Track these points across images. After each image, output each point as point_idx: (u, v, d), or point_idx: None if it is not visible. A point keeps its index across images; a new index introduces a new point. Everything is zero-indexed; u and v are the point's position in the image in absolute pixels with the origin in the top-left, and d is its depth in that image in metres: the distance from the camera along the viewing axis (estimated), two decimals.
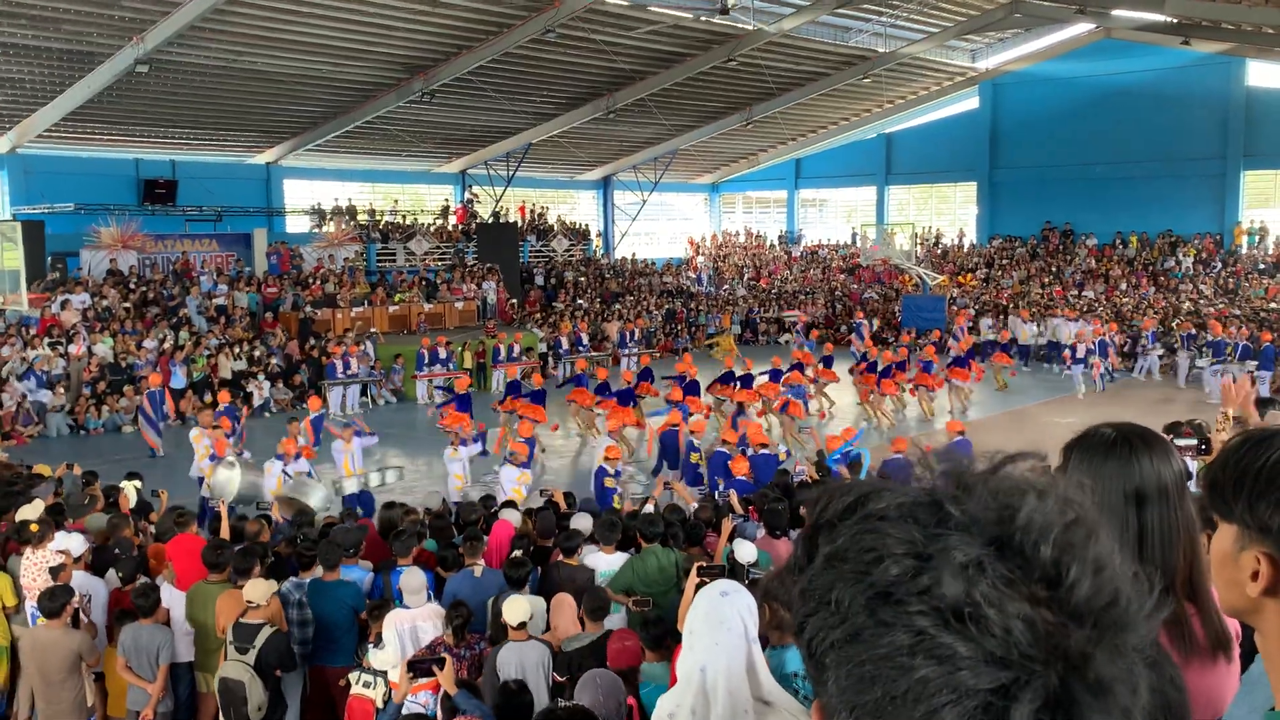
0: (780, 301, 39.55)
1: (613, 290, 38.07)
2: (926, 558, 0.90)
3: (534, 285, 37.35)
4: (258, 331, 27.09)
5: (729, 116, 40.32)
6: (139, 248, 28.65)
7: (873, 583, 0.90)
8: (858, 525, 0.95)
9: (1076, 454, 2.15)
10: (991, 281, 38.83)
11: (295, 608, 7.88)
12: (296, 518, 10.36)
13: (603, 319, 33.79)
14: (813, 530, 0.99)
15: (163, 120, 30.50)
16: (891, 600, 0.89)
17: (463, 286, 32.73)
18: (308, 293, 29.16)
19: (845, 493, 0.99)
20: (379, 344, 27.31)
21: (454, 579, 8.14)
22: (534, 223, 41.98)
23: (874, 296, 38.98)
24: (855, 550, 0.93)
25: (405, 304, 30.56)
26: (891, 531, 0.92)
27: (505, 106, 34.43)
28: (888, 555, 0.91)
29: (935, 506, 0.94)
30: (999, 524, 0.91)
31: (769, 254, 47.76)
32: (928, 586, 0.88)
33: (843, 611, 0.91)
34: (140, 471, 12.60)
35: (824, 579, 0.94)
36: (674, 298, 39.28)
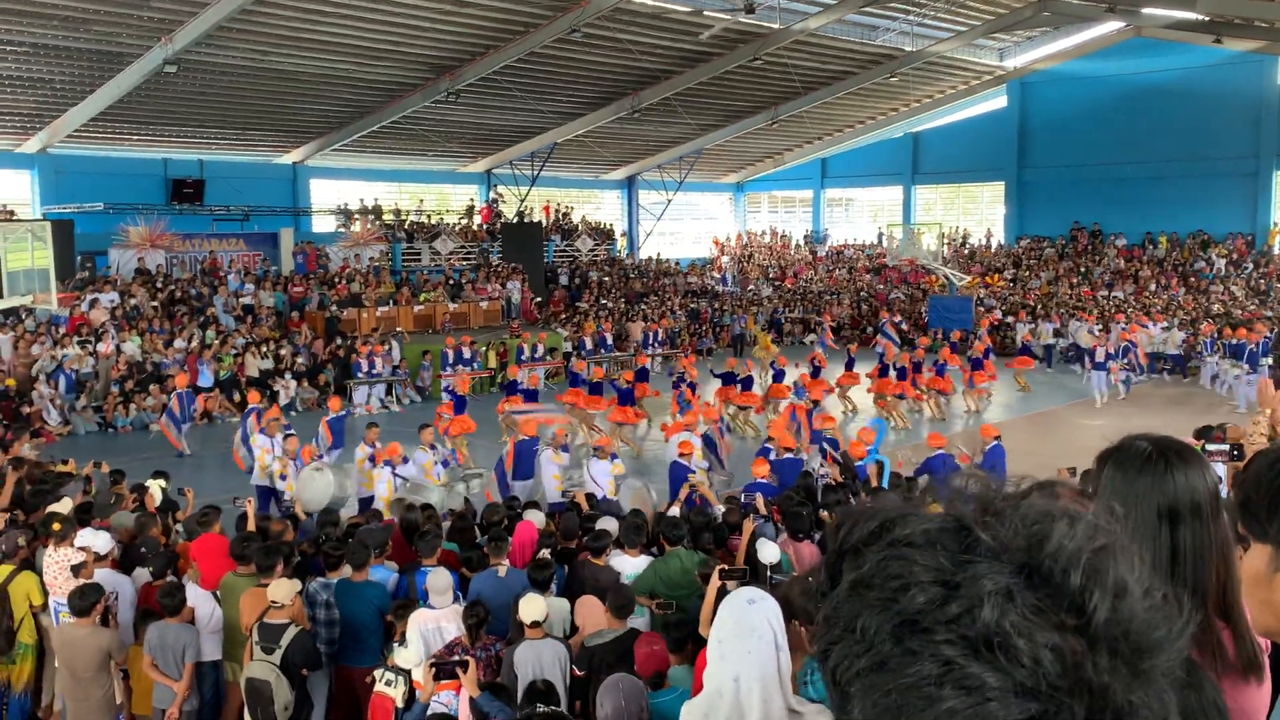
0: (805, 302, 39.43)
1: (637, 290, 38.08)
2: (954, 585, 0.89)
3: (558, 285, 37.41)
4: (284, 331, 27.26)
5: (754, 116, 40.24)
6: (167, 247, 28.89)
7: (899, 611, 0.90)
8: (884, 551, 0.94)
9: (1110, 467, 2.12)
10: (1019, 282, 38.57)
11: (323, 608, 7.91)
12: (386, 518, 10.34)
13: (627, 319, 33.80)
14: (837, 555, 0.98)
15: (191, 120, 30.75)
16: (919, 629, 0.88)
17: (487, 286, 32.82)
18: (333, 292, 29.32)
19: (870, 517, 0.98)
20: (404, 343, 27.43)
21: (478, 578, 8.16)
22: (559, 222, 42.04)
23: (900, 297, 38.81)
24: (881, 577, 0.92)
25: (430, 304, 30.67)
26: (918, 558, 0.91)
27: (530, 106, 34.50)
28: (914, 583, 0.90)
29: (963, 532, 0.93)
30: (1028, 551, 0.90)
31: (794, 254, 47.64)
32: (956, 615, 0.88)
33: (868, 639, 0.91)
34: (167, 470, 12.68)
35: (849, 606, 0.93)
36: (698, 298, 39.23)
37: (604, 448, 13.87)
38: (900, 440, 19.99)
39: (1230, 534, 2.05)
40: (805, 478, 12.46)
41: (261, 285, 28.83)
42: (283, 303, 28.80)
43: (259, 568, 7.85)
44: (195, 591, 8.10)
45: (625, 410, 19.51)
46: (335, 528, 9.87)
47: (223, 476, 17.68)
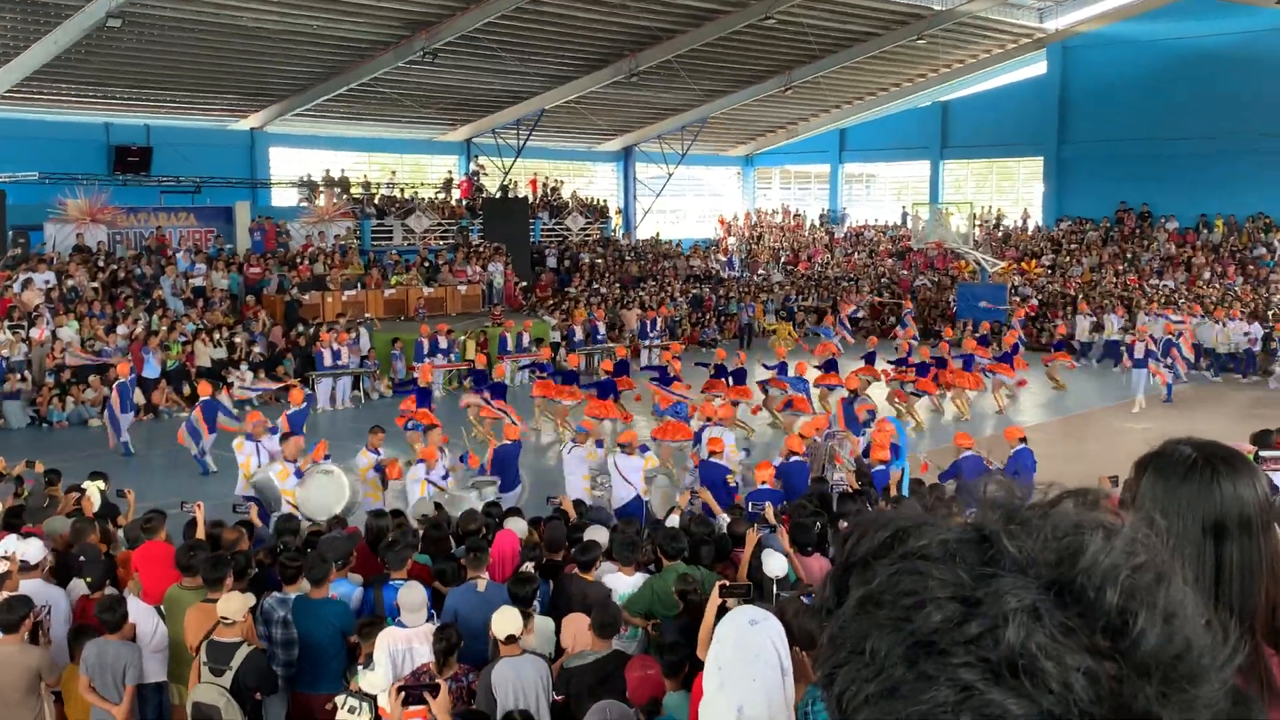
0: (821, 289, 39.47)
1: (633, 274, 38.09)
2: (974, 602, 0.89)
3: (546, 268, 37.41)
4: (239, 316, 27.24)
5: (766, 81, 40.22)
6: (109, 221, 28.84)
7: (913, 630, 0.89)
8: (896, 564, 0.93)
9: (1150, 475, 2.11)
10: (1059, 269, 38.61)
11: (279, 625, 7.91)
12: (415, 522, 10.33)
13: (621, 306, 33.82)
14: (844, 568, 0.98)
15: (137, 81, 30.67)
16: (934, 650, 0.88)
17: (467, 268, 32.81)
18: (295, 274, 29.30)
19: (881, 527, 0.97)
20: (373, 331, 27.40)
21: (455, 594, 8.17)
22: (546, 198, 42.02)
23: (926, 284, 38.84)
24: (893, 593, 0.92)
25: (403, 287, 30.66)
26: (934, 572, 0.91)
27: (516, 68, 34.46)
28: (930, 599, 0.90)
29: (984, 544, 0.92)
30: (1058, 565, 0.90)
31: (809, 235, 47.66)
32: (976, 635, 0.87)
33: (878, 662, 0.90)
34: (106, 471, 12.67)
35: (857, 625, 0.93)
36: (702, 283, 39.25)
37: (630, 443, 14.01)
38: (919, 442, 19.99)
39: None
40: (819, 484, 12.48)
41: (214, 265, 28.80)
42: (238, 285, 28.76)
43: (206, 580, 7.85)
44: (137, 605, 8.09)
45: (606, 404, 19.52)
46: (294, 536, 9.87)
47: (169, 478, 17.69)
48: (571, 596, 8.23)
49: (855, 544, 0.99)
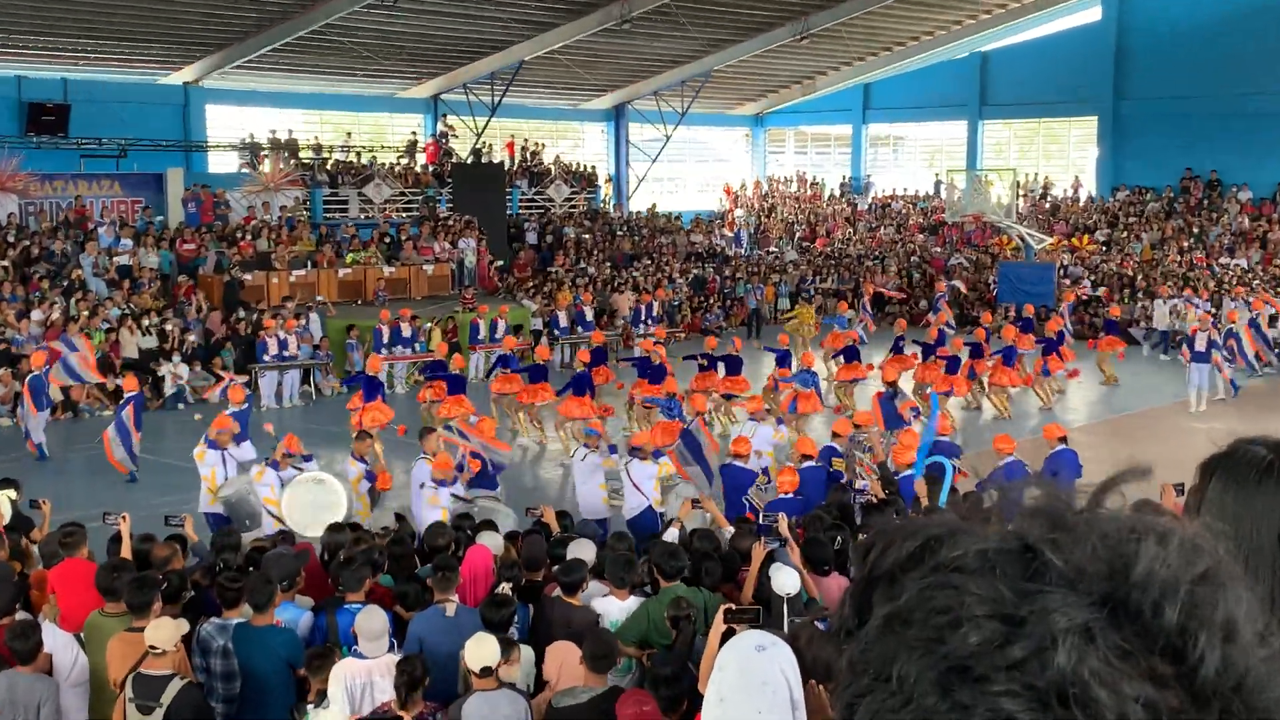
0: (841, 269, 39.50)
1: (626, 252, 38.09)
2: (1018, 622, 0.89)
3: (525, 244, 37.40)
4: (171, 300, 27.20)
5: (778, 29, 40.18)
6: (20, 190, 28.74)
7: (947, 654, 0.89)
8: (927, 579, 0.94)
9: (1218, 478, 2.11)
10: (1115, 246, 38.66)
11: (218, 656, 7.91)
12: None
13: (612, 289, 33.81)
14: (866, 583, 0.98)
15: (53, 28, 30.57)
16: (971, 676, 0.88)
17: (433, 245, 32.78)
18: (235, 251, 29.26)
19: (909, 536, 0.97)
20: (326, 317, 27.36)
21: (420, 619, 8.17)
22: (526, 164, 41.98)
23: (962, 263, 38.86)
24: (924, 611, 0.92)
25: (360, 266, 30.62)
26: (972, 587, 0.91)
27: (490, 13, 34.41)
28: (966, 618, 0.90)
29: (1027, 554, 0.92)
30: (1110, 578, 0.90)
31: (828, 207, 47.66)
32: (1019, 659, 0.87)
33: (907, 690, 0.90)
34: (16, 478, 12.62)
35: (882, 648, 0.93)
36: (704, 262, 39.25)
37: (643, 447, 14.06)
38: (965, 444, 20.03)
39: None
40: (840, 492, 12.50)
41: (142, 241, 28.74)
42: (169, 264, 28.71)
43: (130, 605, 7.82)
44: (54, 633, 8.07)
45: (581, 402, 19.50)
46: (235, 553, 9.87)
47: (91, 485, 17.67)
48: (554, 623, 8.23)
49: (880, 555, 0.99)
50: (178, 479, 17.29)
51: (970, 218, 38.78)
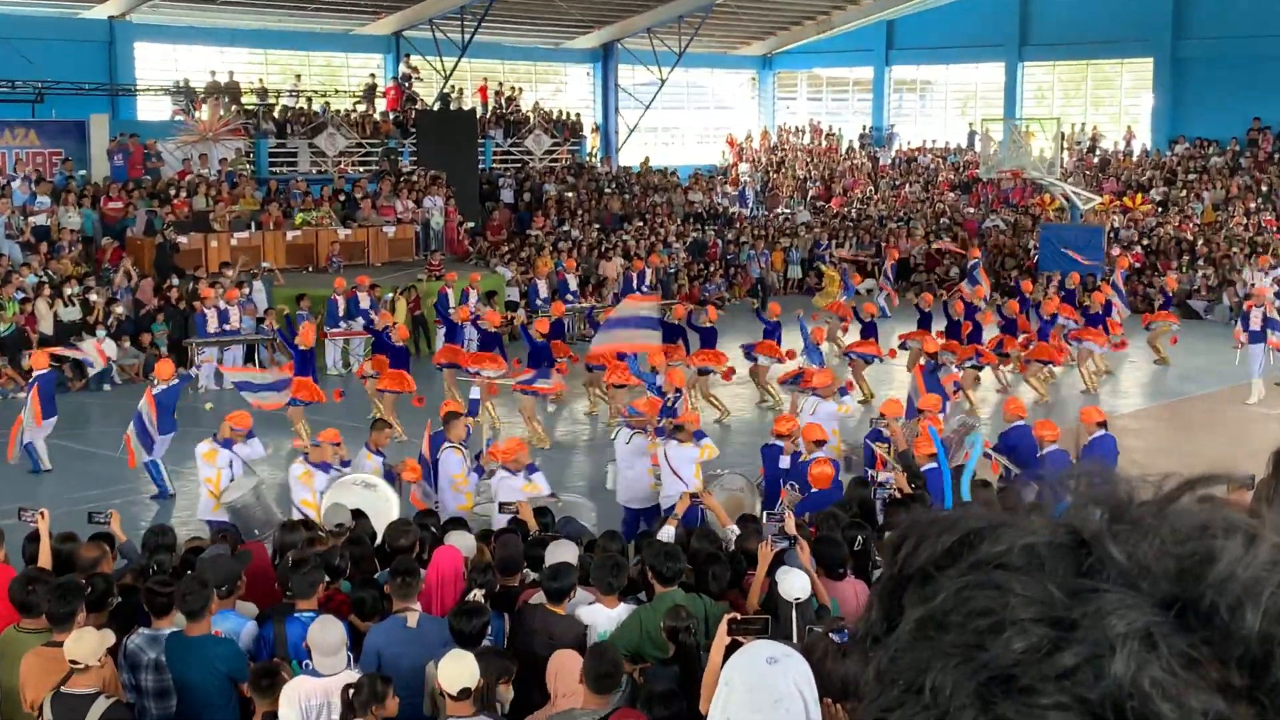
0: (861, 232, 39.48)
1: (615, 212, 38.06)
2: (1069, 625, 0.89)
3: (499, 203, 37.34)
4: (95, 266, 27.14)
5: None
6: None
7: (988, 661, 0.90)
8: (966, 577, 0.94)
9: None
10: (1173, 206, 38.65)
11: (150, 671, 7.91)
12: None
13: (600, 254, 33.79)
14: (897, 583, 0.98)
15: None
16: (1015, 687, 0.88)
17: (395, 204, 32.72)
18: (168, 210, 29.19)
19: (946, 528, 0.98)
20: (273, 286, 27.31)
21: (378, 631, 8.18)
22: (501, 111, 41.87)
23: (999, 225, 38.86)
24: (962, 613, 0.92)
25: (311, 228, 30.56)
26: (1016, 586, 0.91)
27: None
28: (1010, 621, 0.90)
29: (1082, 550, 0.92)
30: (1179, 578, 0.90)
31: (845, 161, 47.63)
32: (1070, 668, 0.88)
33: (942, 704, 0.91)
34: None
35: (914, 655, 0.93)
36: (705, 223, 39.21)
37: (684, 427, 14.22)
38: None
39: None
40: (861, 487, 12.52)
41: (62, 199, 28.66)
42: (93, 224, 28.63)
43: (51, 616, 7.79)
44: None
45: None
46: (170, 554, 9.86)
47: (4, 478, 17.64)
48: (534, 634, 8.24)
49: (912, 551, 0.99)
50: (103, 470, 17.30)
51: (1008, 174, 38.77)
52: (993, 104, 46.37)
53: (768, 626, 6.71)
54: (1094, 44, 44.20)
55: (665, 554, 8.60)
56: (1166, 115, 42.92)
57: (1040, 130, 38.58)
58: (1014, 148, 37.66)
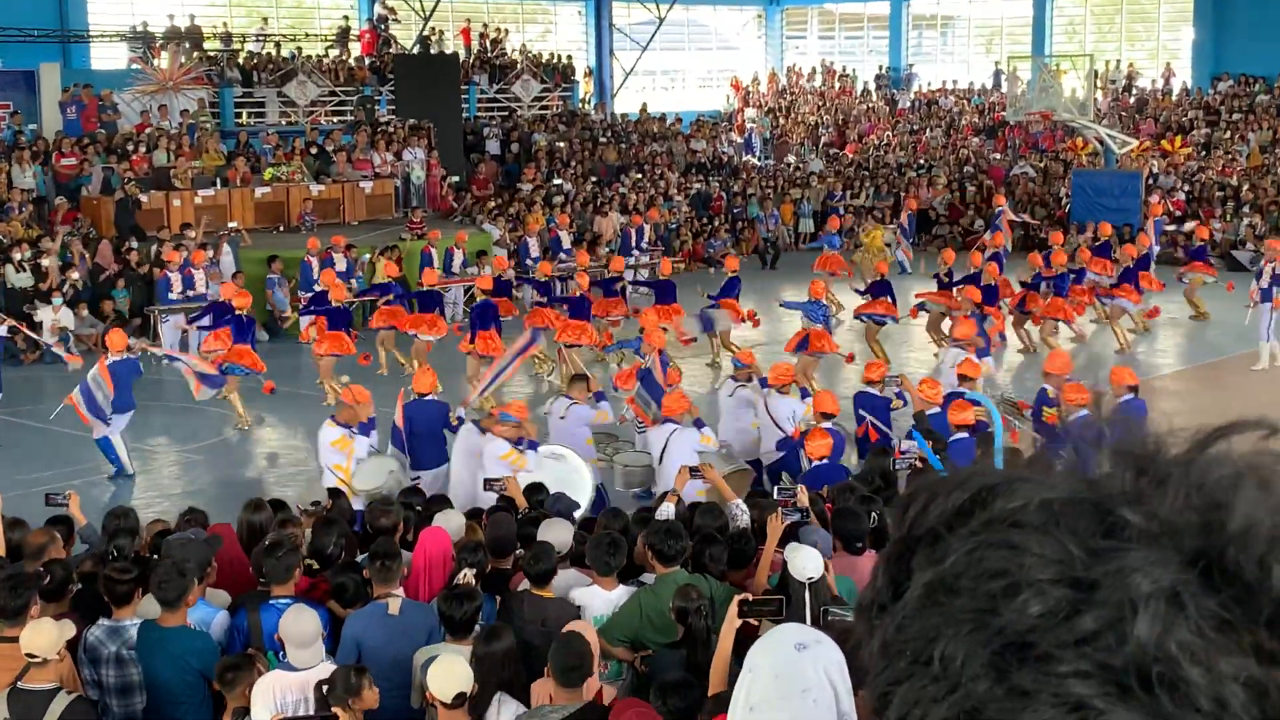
0: (879, 181, 39.45)
1: (611, 163, 38.02)
2: (1089, 586, 0.89)
3: (486, 155, 37.30)
4: (47, 228, 27.12)
5: None
6: None
7: (1002, 627, 0.90)
8: (978, 536, 0.94)
9: None
10: (1215, 148, 38.61)
11: (110, 665, 7.93)
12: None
13: (595, 209, 33.77)
14: (905, 546, 0.98)
15: None
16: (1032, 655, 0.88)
17: (372, 157, 32.68)
18: (126, 167, 29.16)
19: (957, 486, 0.98)
20: (240, 248, 27.29)
21: (356, 619, 8.19)
22: (485, 55, 41.76)
23: (1027, 172, 38.81)
24: (974, 575, 0.92)
25: (281, 185, 30.52)
26: (1032, 545, 0.91)
27: None
28: (1027, 583, 0.90)
29: (1101, 506, 0.92)
30: (1205, 532, 0.90)
31: (860, 104, 47.54)
32: (1091, 632, 0.88)
33: (953, 675, 0.91)
34: None
35: (923, 622, 0.93)
36: (708, 174, 39.18)
37: (786, 379, 14.98)
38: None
39: None
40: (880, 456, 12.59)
41: (14, 157, 28.63)
42: (45, 184, 28.60)
43: (4, 610, 7.79)
44: None
45: (486, 336, 20.12)
46: (131, 538, 9.88)
47: None
48: (525, 621, 8.25)
49: (921, 511, 0.99)
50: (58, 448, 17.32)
51: (1037, 116, 38.68)
52: (1020, 41, 46.28)
53: (782, 608, 6.73)
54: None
55: (667, 532, 8.58)
56: (1208, 50, 42.82)
57: (1072, 68, 38.48)
58: (1043, 88, 37.55)
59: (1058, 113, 36.99)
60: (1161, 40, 45.54)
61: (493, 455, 13.47)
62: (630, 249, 30.18)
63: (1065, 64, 38.95)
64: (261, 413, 20.15)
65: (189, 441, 19.08)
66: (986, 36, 49.38)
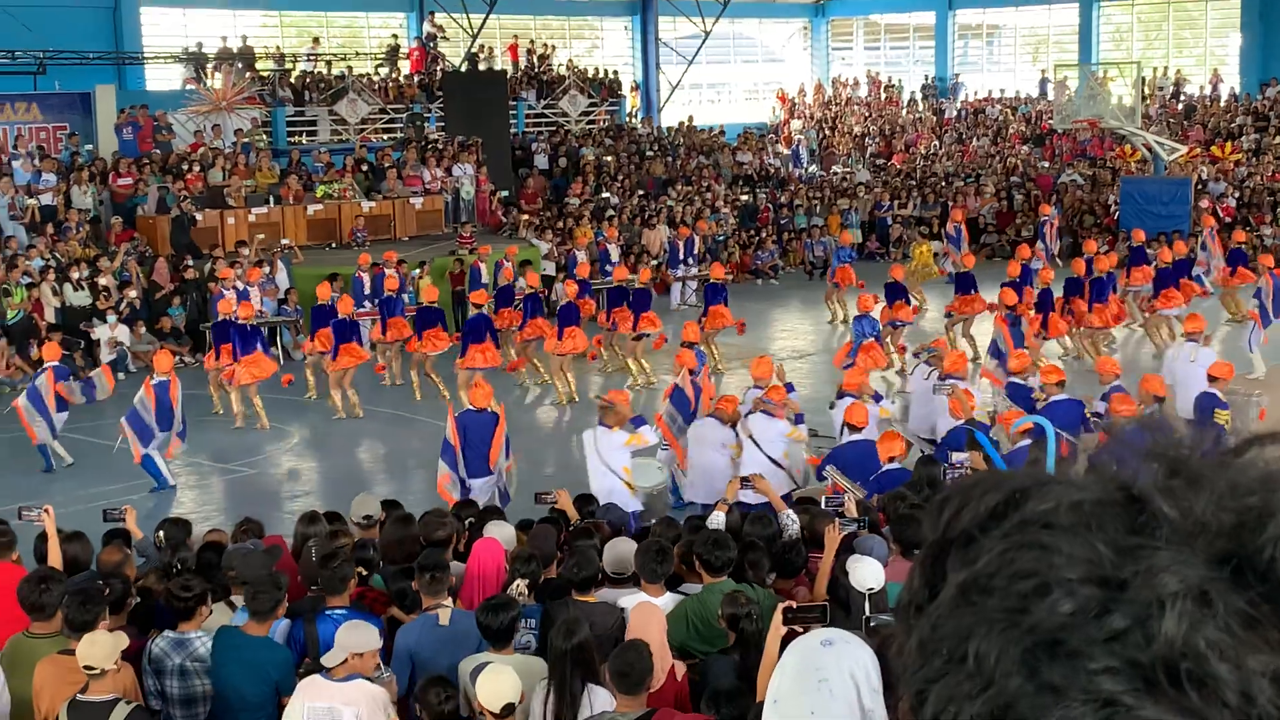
0: (926, 190, 39.27)
1: (658, 176, 38.00)
2: (1119, 585, 0.90)
3: (534, 170, 37.35)
4: (105, 247, 27.31)
5: None
6: None
7: (1033, 625, 0.91)
8: (1010, 538, 0.95)
9: None
10: (1265, 154, 38.28)
11: (175, 676, 7.95)
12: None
13: (643, 222, 33.76)
14: (939, 548, 0.99)
15: None
16: (1063, 652, 0.89)
17: (422, 173, 32.78)
18: (181, 185, 29.34)
19: (990, 489, 0.99)
20: (294, 264, 27.43)
21: (408, 631, 8.20)
22: (533, 71, 41.85)
23: (1076, 180, 38.57)
24: (1006, 576, 0.93)
25: (333, 202, 30.65)
26: (1063, 545, 0.92)
27: None
28: (1057, 583, 0.91)
29: (1133, 506, 0.93)
30: (1235, 533, 0.91)
31: (907, 114, 47.38)
32: (1121, 630, 0.88)
33: (986, 672, 0.92)
34: None
35: (957, 622, 0.94)
36: (755, 186, 39.10)
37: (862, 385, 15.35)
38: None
39: None
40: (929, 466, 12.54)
41: (70, 177, 28.85)
42: (102, 204, 28.80)
43: (72, 624, 7.80)
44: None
45: (483, 349, 20.45)
46: (188, 551, 9.93)
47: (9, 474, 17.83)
48: None
49: (955, 513, 1.00)
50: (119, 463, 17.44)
51: (1084, 124, 38.48)
52: (1067, 49, 46.01)
53: (825, 614, 6.70)
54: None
55: (714, 542, 8.55)
56: (1257, 56, 42.49)
57: (1119, 76, 38.26)
58: (1090, 95, 37.33)
59: (1105, 120, 36.78)
60: (1209, 46, 45.22)
61: (615, 445, 14.19)
62: (678, 261, 30.19)
63: (1112, 71, 38.73)
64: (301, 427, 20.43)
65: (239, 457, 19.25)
66: (1033, 45, 49.14)
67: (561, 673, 6.97)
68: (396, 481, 17.68)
